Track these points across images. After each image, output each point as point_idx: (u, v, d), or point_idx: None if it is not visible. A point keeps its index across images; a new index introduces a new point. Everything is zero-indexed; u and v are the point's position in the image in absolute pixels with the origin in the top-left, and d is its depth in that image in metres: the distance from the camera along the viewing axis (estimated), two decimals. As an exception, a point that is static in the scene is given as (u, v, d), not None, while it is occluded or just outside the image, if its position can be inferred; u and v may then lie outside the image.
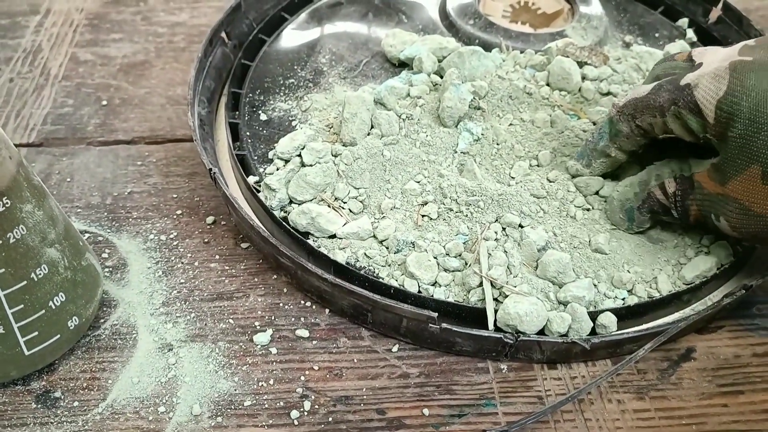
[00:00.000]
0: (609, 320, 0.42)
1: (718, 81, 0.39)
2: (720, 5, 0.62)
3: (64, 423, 0.39)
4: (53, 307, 0.39)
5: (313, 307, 0.45)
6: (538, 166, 0.49)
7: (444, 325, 0.41)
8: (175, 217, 0.50)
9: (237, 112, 0.53)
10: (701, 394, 0.41)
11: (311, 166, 0.47)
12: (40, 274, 0.39)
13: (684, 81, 0.40)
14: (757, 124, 0.37)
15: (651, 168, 0.45)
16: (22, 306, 0.38)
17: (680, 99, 0.40)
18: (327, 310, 0.45)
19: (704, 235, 0.46)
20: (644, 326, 0.43)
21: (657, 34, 0.62)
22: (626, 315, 0.43)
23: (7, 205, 0.37)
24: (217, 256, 0.48)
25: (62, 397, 0.40)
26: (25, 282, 0.38)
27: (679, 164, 0.43)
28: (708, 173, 0.41)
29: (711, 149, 0.41)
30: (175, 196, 0.52)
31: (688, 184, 0.42)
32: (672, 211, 0.43)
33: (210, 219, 0.50)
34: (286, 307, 0.45)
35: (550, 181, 0.48)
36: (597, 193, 0.47)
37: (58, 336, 0.40)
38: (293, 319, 0.44)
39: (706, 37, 0.62)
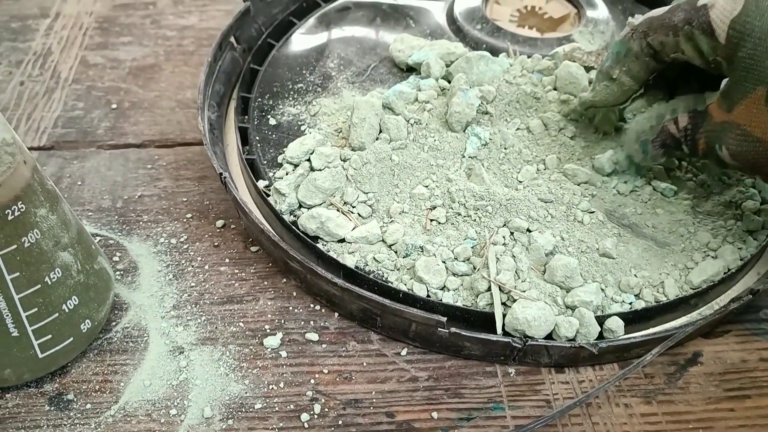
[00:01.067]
0: (616, 324, 0.42)
1: (735, 1, 0.39)
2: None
3: (77, 425, 0.39)
4: (66, 310, 0.40)
5: (323, 310, 0.46)
6: (545, 169, 0.49)
7: (453, 329, 0.41)
8: (185, 220, 0.51)
9: (246, 117, 0.54)
10: (708, 399, 0.42)
11: (320, 170, 0.48)
12: (53, 277, 0.39)
13: (702, 1, 0.41)
14: (767, 45, 0.37)
15: (668, 103, 0.45)
16: (36, 309, 0.39)
17: (695, 18, 0.40)
18: (336, 314, 0.45)
19: (711, 239, 0.46)
20: (651, 330, 0.44)
21: (664, 39, 0.62)
22: (633, 319, 0.43)
23: (21, 210, 0.37)
24: (227, 260, 0.48)
25: (75, 399, 0.40)
26: (39, 286, 0.38)
27: (695, 99, 0.44)
28: (717, 102, 0.41)
29: (720, 81, 0.42)
30: (185, 199, 0.52)
31: (701, 117, 0.42)
32: (682, 145, 0.44)
33: (220, 222, 0.51)
34: (296, 310, 0.45)
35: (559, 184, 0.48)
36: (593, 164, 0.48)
37: (71, 339, 0.41)
38: (303, 322, 0.45)
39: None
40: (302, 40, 0.60)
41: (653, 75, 0.46)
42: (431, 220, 0.46)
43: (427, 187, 0.48)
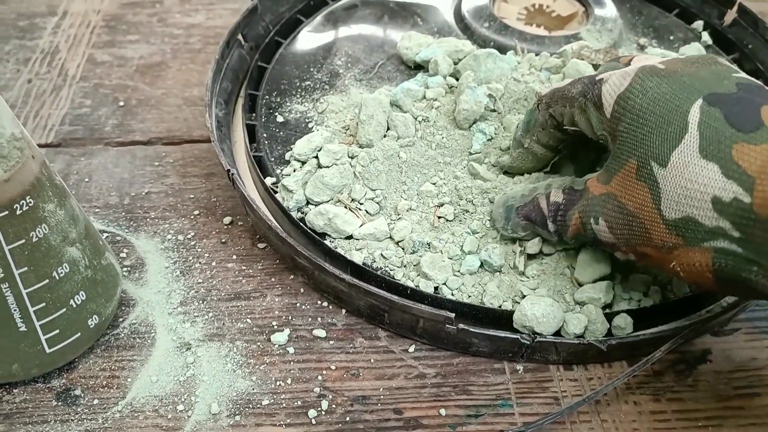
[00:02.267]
0: (625, 322, 0.42)
1: (624, 78, 0.39)
2: (735, 8, 0.62)
3: (85, 421, 0.39)
4: (74, 305, 0.40)
5: (330, 307, 0.45)
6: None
7: (461, 325, 0.41)
8: (192, 217, 0.51)
9: (254, 114, 0.54)
10: (718, 397, 0.41)
11: (328, 167, 0.47)
12: (61, 272, 0.39)
13: (598, 77, 0.41)
14: (642, 119, 0.37)
15: (546, 180, 0.45)
16: (43, 304, 0.39)
17: (590, 91, 0.40)
18: (343, 311, 0.45)
19: None
20: (660, 328, 0.43)
21: (672, 37, 0.62)
22: (642, 316, 0.43)
23: (30, 205, 0.37)
24: (235, 256, 0.48)
25: (82, 395, 0.40)
26: (47, 280, 0.38)
27: (573, 180, 0.43)
28: (597, 177, 0.40)
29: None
30: (192, 196, 0.52)
31: (577, 195, 0.41)
32: (548, 221, 0.42)
33: (227, 219, 0.50)
34: (303, 307, 0.45)
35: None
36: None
37: (79, 334, 0.41)
38: (310, 319, 0.45)
39: (722, 40, 0.62)
40: (310, 37, 0.59)
41: (565, 144, 0.45)
42: (439, 218, 0.46)
43: (434, 184, 0.48)
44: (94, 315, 0.41)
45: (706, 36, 0.62)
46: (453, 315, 0.40)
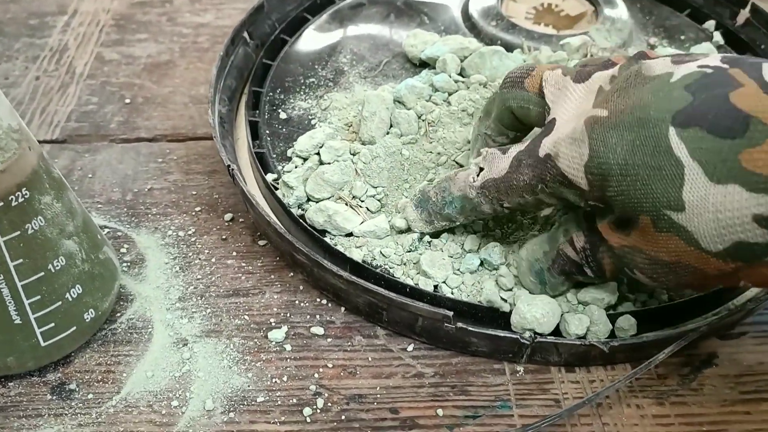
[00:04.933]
0: (629, 323, 0.41)
1: (579, 146, 0.35)
2: (748, 8, 0.61)
3: (78, 415, 0.39)
4: (70, 299, 0.40)
5: (329, 305, 0.45)
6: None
7: (459, 324, 0.40)
8: (193, 213, 0.50)
9: (257, 111, 0.53)
10: (723, 401, 0.40)
11: (329, 164, 0.47)
12: (57, 265, 0.39)
13: (542, 152, 0.37)
14: (629, 176, 0.34)
15: (558, 224, 0.41)
16: (39, 297, 0.38)
17: (546, 173, 0.37)
18: (342, 308, 0.45)
19: None
20: (665, 330, 0.42)
21: (683, 37, 0.61)
22: (647, 318, 0.42)
23: (26, 197, 0.37)
24: (235, 253, 0.48)
25: (77, 389, 0.40)
26: (42, 273, 0.38)
27: (584, 215, 0.39)
28: (609, 226, 0.37)
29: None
30: (194, 193, 0.52)
31: (596, 236, 0.38)
32: (585, 269, 0.39)
33: (228, 216, 0.50)
34: (302, 304, 0.45)
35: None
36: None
37: (74, 328, 0.40)
38: (308, 316, 0.44)
39: (734, 40, 0.61)
40: (315, 35, 0.59)
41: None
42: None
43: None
44: (90, 309, 0.41)
45: (717, 36, 0.61)
46: (451, 313, 0.40)
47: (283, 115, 0.52)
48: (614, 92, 0.36)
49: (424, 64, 0.56)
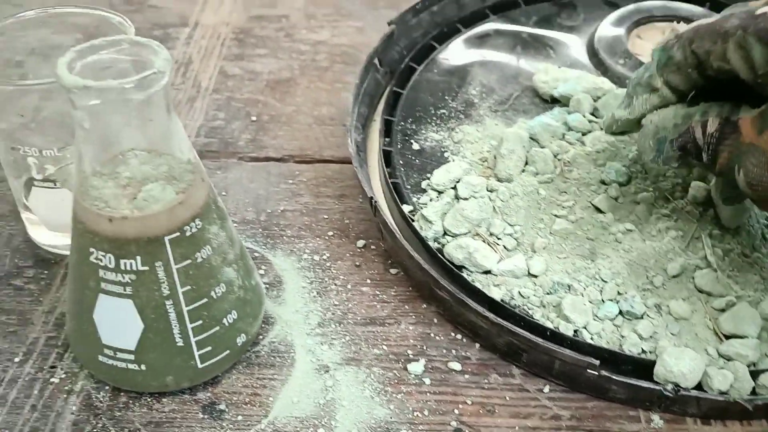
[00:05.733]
0: (771, 381, 0.41)
1: None
2: None
3: (230, 436, 0.41)
4: (226, 324, 0.41)
5: (464, 340, 0.46)
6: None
7: (603, 372, 0.41)
8: (326, 238, 0.52)
9: (388, 139, 0.54)
10: None
11: (466, 199, 0.48)
12: (218, 292, 0.40)
13: (761, 10, 0.36)
14: None
15: (699, 105, 0.41)
16: (200, 322, 0.40)
17: (751, 25, 0.36)
18: (477, 345, 0.46)
19: None
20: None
21: None
22: (787, 376, 0.42)
23: (198, 227, 0.39)
24: (368, 281, 0.49)
25: (227, 409, 0.42)
26: (205, 299, 0.40)
27: (730, 107, 0.39)
28: (752, 120, 0.37)
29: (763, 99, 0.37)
30: (326, 216, 0.53)
31: (730, 128, 0.38)
32: (703, 153, 0.39)
33: (361, 243, 0.51)
34: (437, 337, 0.46)
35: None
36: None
37: (228, 352, 0.42)
38: (444, 350, 0.45)
39: None
40: (443, 64, 0.60)
41: (692, 93, 0.42)
42: (577, 256, 0.46)
43: (571, 222, 0.48)
44: (242, 333, 0.42)
45: None
46: (598, 362, 0.40)
47: (415, 146, 0.53)
48: None
49: (555, 101, 0.56)
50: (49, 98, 0.45)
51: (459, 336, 0.46)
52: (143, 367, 0.40)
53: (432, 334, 0.46)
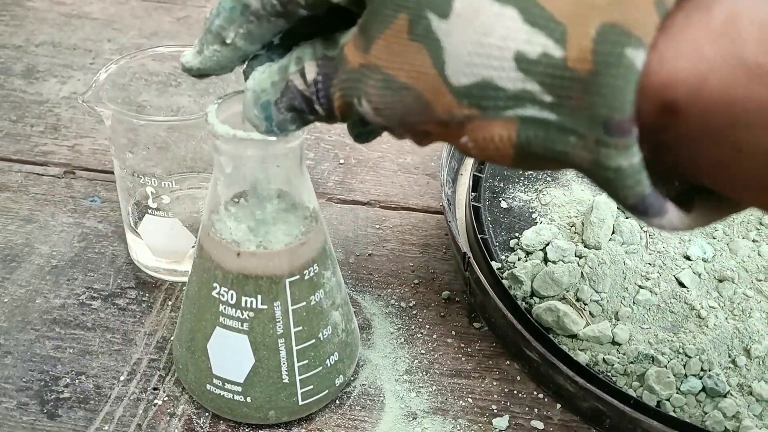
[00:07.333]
0: None
1: None
2: None
3: (324, 473, 0.42)
4: (328, 364, 0.43)
5: (546, 399, 0.47)
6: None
7: (687, 447, 0.42)
8: (412, 285, 0.54)
9: (476, 194, 0.57)
10: None
11: (554, 263, 0.50)
12: (325, 334, 0.42)
13: None
14: None
15: (292, 52, 0.35)
16: (306, 361, 0.42)
17: None
18: (559, 405, 0.47)
19: None
20: None
21: None
22: None
23: (315, 271, 0.41)
24: (453, 332, 0.51)
25: (319, 446, 0.44)
26: (313, 340, 0.42)
27: (325, 43, 0.34)
28: (353, 42, 0.32)
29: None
30: (411, 264, 0.55)
31: (332, 66, 0.33)
32: (315, 105, 0.34)
33: (445, 294, 0.53)
34: (520, 395, 0.47)
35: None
36: None
37: (326, 391, 0.44)
38: (527, 408, 0.47)
39: None
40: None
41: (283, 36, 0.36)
42: (660, 327, 0.48)
43: (656, 294, 0.49)
44: (340, 374, 0.44)
45: None
46: (684, 436, 0.42)
47: (504, 204, 0.56)
48: None
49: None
50: (173, 132, 0.48)
51: (541, 395, 0.48)
52: (249, 399, 0.42)
53: (515, 391, 0.48)
